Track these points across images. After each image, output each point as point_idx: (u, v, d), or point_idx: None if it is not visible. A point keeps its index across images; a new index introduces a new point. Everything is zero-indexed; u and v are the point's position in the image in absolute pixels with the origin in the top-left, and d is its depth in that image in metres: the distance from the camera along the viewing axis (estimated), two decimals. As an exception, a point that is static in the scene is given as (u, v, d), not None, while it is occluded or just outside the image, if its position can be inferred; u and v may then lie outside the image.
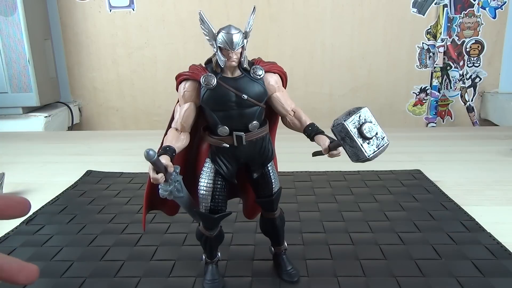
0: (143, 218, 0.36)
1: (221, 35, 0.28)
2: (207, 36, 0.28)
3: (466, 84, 1.32)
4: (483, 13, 1.25)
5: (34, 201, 0.56)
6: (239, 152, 0.31)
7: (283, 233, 0.38)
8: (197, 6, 1.24)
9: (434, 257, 0.40)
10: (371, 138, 0.25)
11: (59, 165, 0.74)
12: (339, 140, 0.26)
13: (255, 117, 0.31)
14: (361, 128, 0.24)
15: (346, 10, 1.27)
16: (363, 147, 0.24)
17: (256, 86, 0.30)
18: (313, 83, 1.34)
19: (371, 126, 0.25)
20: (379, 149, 0.25)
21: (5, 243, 0.45)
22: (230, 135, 0.30)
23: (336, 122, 0.25)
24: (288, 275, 0.37)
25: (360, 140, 0.24)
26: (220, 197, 0.33)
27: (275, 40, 1.29)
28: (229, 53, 0.28)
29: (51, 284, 0.37)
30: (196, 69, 0.29)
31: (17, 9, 1.12)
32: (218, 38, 0.28)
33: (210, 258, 0.36)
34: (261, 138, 0.32)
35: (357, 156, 0.25)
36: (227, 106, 0.29)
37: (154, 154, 0.26)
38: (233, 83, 0.29)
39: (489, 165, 0.69)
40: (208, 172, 0.32)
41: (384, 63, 1.31)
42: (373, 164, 0.67)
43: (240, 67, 0.29)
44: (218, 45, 0.28)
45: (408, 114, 1.36)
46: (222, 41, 0.28)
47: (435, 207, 0.52)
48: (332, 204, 0.54)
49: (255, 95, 0.30)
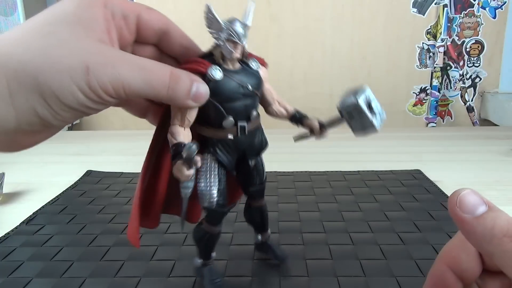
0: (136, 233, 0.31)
1: (231, 27, 0.28)
2: (212, 28, 0.28)
3: (466, 84, 1.32)
4: (483, 13, 1.25)
5: (34, 201, 0.57)
6: (240, 142, 0.32)
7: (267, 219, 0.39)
8: (197, 6, 1.24)
9: (434, 257, 0.39)
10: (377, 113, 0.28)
11: (59, 165, 0.74)
12: (346, 117, 0.29)
13: (256, 107, 0.32)
14: (371, 105, 0.27)
15: (346, 10, 1.27)
16: (373, 121, 0.27)
17: (255, 77, 0.31)
18: (313, 83, 1.34)
19: (376, 103, 0.28)
20: (382, 122, 0.28)
21: (5, 243, 0.45)
22: (235, 126, 0.31)
23: (347, 101, 0.28)
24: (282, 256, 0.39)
25: (370, 116, 0.27)
26: (225, 190, 0.33)
27: (275, 40, 1.29)
28: (236, 46, 0.28)
29: (51, 284, 0.37)
30: (197, 62, 0.29)
31: (17, 9, 1.12)
32: (227, 30, 0.28)
33: (208, 258, 0.36)
34: (257, 127, 0.33)
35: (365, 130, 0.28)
36: (234, 97, 0.30)
37: (195, 149, 0.26)
38: (237, 75, 0.30)
39: (489, 165, 0.69)
40: (211, 166, 0.32)
41: (384, 63, 1.31)
42: (373, 164, 0.68)
43: (238, 60, 0.30)
44: (228, 37, 0.28)
45: (408, 114, 1.36)
46: (232, 34, 0.28)
47: (435, 207, 0.52)
48: (332, 204, 0.54)
49: (256, 86, 0.31)
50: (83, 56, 0.22)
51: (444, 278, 0.21)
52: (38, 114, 0.22)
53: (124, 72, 0.23)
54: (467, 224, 0.18)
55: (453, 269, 0.21)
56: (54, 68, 0.21)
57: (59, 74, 0.21)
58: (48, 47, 0.22)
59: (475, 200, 0.18)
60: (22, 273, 0.39)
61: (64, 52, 0.22)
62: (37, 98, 0.21)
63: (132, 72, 0.23)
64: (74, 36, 0.23)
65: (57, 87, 0.21)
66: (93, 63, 0.22)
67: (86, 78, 0.22)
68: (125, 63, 0.23)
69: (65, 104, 0.22)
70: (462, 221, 0.18)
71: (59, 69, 0.21)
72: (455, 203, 0.18)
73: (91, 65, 0.22)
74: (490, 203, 0.18)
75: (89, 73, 0.22)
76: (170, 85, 0.25)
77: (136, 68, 0.24)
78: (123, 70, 0.23)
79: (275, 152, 0.79)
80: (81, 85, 0.22)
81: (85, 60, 0.22)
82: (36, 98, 0.21)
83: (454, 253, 0.21)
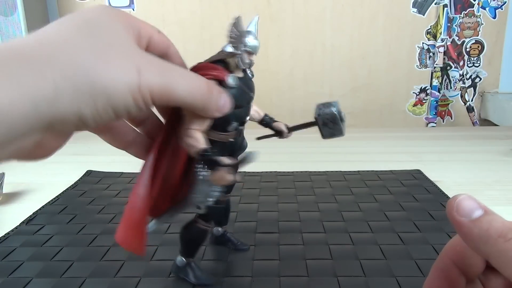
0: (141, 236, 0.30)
1: (249, 41, 0.29)
2: (234, 39, 0.29)
3: (466, 84, 1.32)
4: (483, 13, 1.25)
5: (34, 201, 0.57)
6: (236, 144, 0.33)
7: None
8: (197, 6, 1.24)
9: (434, 257, 0.40)
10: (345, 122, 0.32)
11: (59, 165, 0.74)
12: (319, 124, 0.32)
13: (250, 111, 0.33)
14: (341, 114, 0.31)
15: (346, 10, 1.27)
16: (343, 130, 0.32)
17: (253, 84, 0.33)
18: (313, 83, 1.34)
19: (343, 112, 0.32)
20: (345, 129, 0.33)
21: (5, 243, 0.45)
22: (235, 130, 0.32)
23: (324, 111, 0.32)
24: (242, 244, 0.43)
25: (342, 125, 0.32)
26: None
27: (275, 40, 1.29)
28: (251, 57, 0.30)
29: (51, 284, 0.37)
30: (216, 69, 0.29)
31: (17, 9, 1.12)
32: (247, 42, 0.29)
33: (192, 255, 0.38)
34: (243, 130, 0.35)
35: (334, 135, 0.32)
36: (242, 104, 0.31)
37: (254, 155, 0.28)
38: (244, 82, 0.31)
39: (489, 165, 0.69)
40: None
41: (384, 63, 1.31)
42: (373, 164, 0.68)
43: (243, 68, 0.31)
44: (247, 49, 0.29)
45: (408, 114, 1.36)
46: (251, 46, 0.29)
47: (435, 207, 0.52)
48: (332, 204, 0.54)
49: (254, 92, 0.33)
50: (134, 58, 0.22)
51: (447, 272, 0.21)
52: (79, 113, 0.21)
53: (172, 78, 0.23)
54: (464, 226, 0.19)
55: (457, 264, 0.21)
56: (107, 66, 0.21)
57: (113, 72, 0.21)
58: (97, 47, 0.21)
59: (471, 204, 0.19)
60: (22, 273, 0.39)
61: (114, 53, 0.22)
62: (85, 97, 0.20)
63: (178, 78, 0.24)
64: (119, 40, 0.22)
65: (110, 86, 0.21)
66: (144, 66, 0.22)
67: (137, 81, 0.22)
68: (170, 69, 0.24)
69: (112, 105, 0.21)
70: (459, 224, 0.19)
71: (112, 68, 0.21)
72: (453, 207, 0.19)
73: (142, 67, 0.22)
74: (486, 208, 0.19)
75: (141, 77, 0.22)
76: (207, 95, 0.26)
77: (180, 75, 0.24)
78: (170, 76, 0.23)
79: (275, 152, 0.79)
80: (132, 86, 0.21)
81: (137, 62, 0.22)
82: (83, 96, 0.20)
83: (458, 248, 0.21)
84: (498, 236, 0.17)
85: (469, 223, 0.19)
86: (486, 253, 0.18)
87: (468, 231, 0.19)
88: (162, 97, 0.23)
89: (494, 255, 0.17)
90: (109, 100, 0.21)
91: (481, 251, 0.18)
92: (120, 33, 0.23)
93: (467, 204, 0.19)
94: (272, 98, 1.32)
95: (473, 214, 0.19)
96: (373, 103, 1.34)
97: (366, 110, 1.35)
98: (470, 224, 0.18)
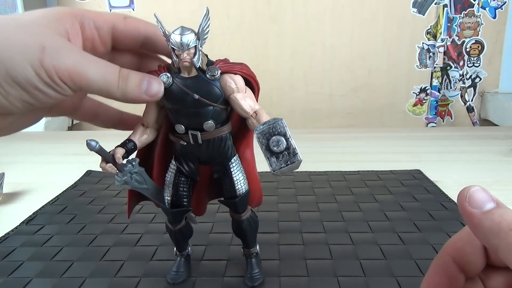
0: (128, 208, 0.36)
1: (172, 37, 0.28)
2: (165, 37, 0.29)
3: (466, 84, 1.32)
4: (483, 13, 1.26)
5: (34, 201, 0.57)
6: (198, 151, 0.32)
7: (252, 237, 0.37)
8: (197, 6, 1.24)
9: (434, 257, 0.40)
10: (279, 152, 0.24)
11: (59, 165, 0.74)
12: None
13: (210, 117, 0.30)
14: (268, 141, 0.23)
15: (346, 10, 1.27)
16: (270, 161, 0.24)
17: (210, 86, 0.29)
18: (313, 83, 1.34)
19: (279, 139, 0.24)
20: (288, 166, 0.24)
21: (5, 243, 0.45)
22: (186, 133, 0.31)
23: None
24: (249, 279, 0.36)
25: (268, 154, 0.24)
26: (180, 192, 0.34)
27: (275, 40, 1.29)
28: (180, 54, 0.28)
29: (51, 284, 0.37)
30: (160, 68, 0.30)
31: (17, 9, 1.12)
32: (170, 39, 0.28)
33: (178, 251, 0.38)
34: (220, 138, 0.32)
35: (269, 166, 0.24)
36: (180, 104, 0.30)
37: (95, 144, 0.27)
38: (187, 83, 0.29)
39: (489, 165, 0.69)
40: (172, 167, 0.34)
41: (384, 63, 1.31)
42: (373, 164, 0.68)
43: (195, 67, 0.29)
44: (171, 46, 0.28)
45: (408, 114, 1.36)
46: (173, 42, 0.28)
47: (435, 207, 0.52)
48: (332, 204, 0.54)
49: (208, 95, 0.29)
50: (42, 38, 0.24)
51: (447, 268, 0.22)
52: None
53: (81, 60, 0.25)
54: (475, 218, 0.19)
55: (457, 261, 0.21)
56: (7, 43, 0.23)
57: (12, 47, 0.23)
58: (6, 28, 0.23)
59: (484, 196, 0.19)
60: (22, 273, 0.39)
61: (21, 31, 0.23)
62: None
63: (89, 62, 0.25)
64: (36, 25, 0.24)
65: (7, 57, 0.22)
66: (50, 45, 0.23)
67: (39, 56, 0.23)
68: (81, 54, 0.25)
69: (12, 76, 0.23)
70: (470, 215, 0.19)
71: (12, 44, 0.23)
72: (464, 198, 0.19)
73: (48, 46, 0.23)
74: (499, 201, 0.19)
75: (44, 53, 0.23)
76: (120, 80, 0.27)
77: (92, 60, 0.25)
78: (80, 59, 0.25)
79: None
80: (33, 61, 0.23)
81: (43, 42, 0.23)
82: None
83: (459, 245, 0.21)
84: (510, 229, 0.17)
85: (480, 215, 0.18)
86: (496, 246, 0.18)
87: (478, 223, 0.18)
88: (73, 77, 0.24)
89: (504, 248, 0.17)
90: (8, 71, 0.23)
91: (490, 243, 0.18)
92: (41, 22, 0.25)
93: (479, 196, 0.19)
94: (272, 98, 1.32)
95: (485, 206, 0.19)
96: (373, 103, 1.34)
97: (366, 110, 1.35)
98: (481, 216, 0.18)
